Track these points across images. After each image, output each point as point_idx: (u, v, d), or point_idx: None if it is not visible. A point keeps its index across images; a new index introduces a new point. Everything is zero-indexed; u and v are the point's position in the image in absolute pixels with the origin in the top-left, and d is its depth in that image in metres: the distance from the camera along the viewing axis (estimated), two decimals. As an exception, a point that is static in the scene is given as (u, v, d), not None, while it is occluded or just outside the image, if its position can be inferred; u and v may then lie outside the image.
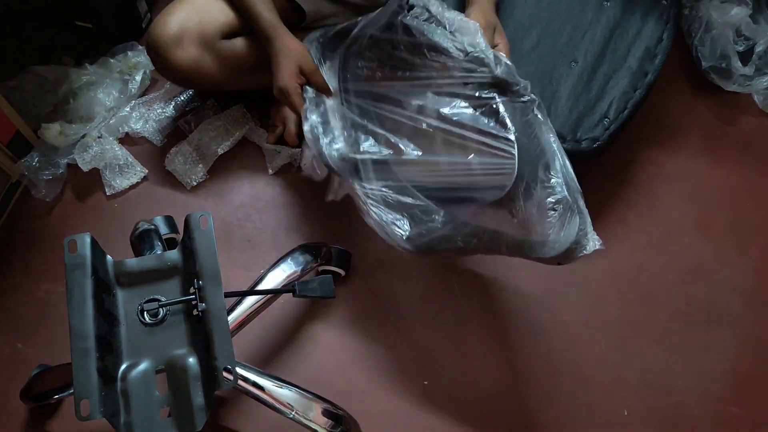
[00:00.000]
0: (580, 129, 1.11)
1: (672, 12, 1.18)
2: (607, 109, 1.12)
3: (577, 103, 1.12)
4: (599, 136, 1.11)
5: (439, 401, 1.04)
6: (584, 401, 1.05)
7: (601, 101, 1.12)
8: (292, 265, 1.00)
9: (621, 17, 1.16)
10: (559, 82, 1.12)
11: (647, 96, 1.14)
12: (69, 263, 0.73)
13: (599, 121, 1.11)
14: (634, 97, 1.13)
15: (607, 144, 1.11)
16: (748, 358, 1.09)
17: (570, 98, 1.12)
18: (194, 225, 0.78)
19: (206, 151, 1.20)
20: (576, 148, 1.10)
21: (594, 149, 1.11)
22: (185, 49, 1.05)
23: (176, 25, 1.04)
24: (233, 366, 0.70)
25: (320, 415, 0.89)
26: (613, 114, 1.11)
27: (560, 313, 1.11)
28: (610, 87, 1.13)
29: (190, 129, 1.22)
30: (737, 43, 1.25)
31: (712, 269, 1.15)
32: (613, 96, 1.12)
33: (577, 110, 1.11)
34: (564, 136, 1.10)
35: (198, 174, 1.19)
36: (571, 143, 1.10)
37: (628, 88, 1.13)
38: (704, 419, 1.04)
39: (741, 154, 1.26)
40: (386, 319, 1.10)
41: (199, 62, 1.06)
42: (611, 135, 1.11)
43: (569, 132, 1.10)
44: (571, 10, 1.16)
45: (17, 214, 1.16)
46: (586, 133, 1.11)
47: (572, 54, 1.14)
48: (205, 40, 1.05)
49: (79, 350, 0.69)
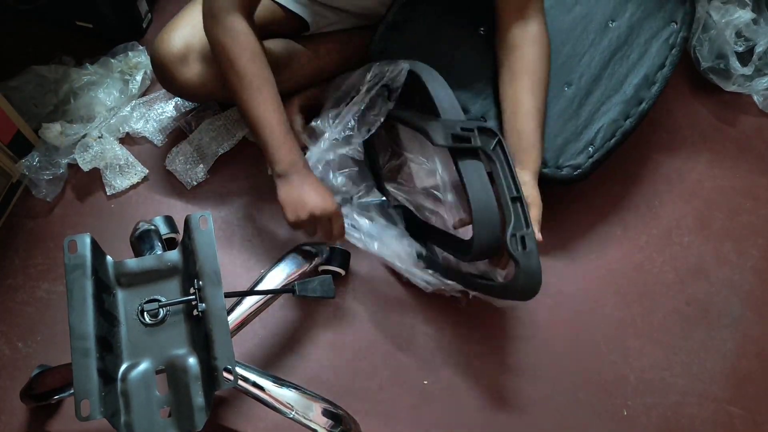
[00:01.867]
0: (562, 156, 1.09)
1: (680, 36, 1.12)
2: (593, 137, 1.10)
3: (564, 128, 1.10)
4: (581, 164, 1.09)
5: (439, 401, 1.04)
6: (584, 401, 1.05)
7: (588, 128, 1.10)
8: (292, 265, 1.00)
9: (625, 40, 1.12)
10: (549, 105, 1.09)
11: (638, 125, 1.11)
12: (69, 263, 0.74)
13: (584, 149, 1.09)
14: (624, 125, 1.10)
15: (589, 172, 1.10)
16: (747, 358, 1.09)
17: (557, 123, 1.10)
18: (194, 225, 0.78)
19: (207, 151, 1.20)
20: (556, 175, 1.09)
21: (573, 177, 1.10)
22: (191, 66, 1.04)
23: (180, 43, 1.03)
24: (233, 366, 0.70)
25: (320, 414, 0.90)
26: (599, 142, 1.09)
27: (560, 313, 1.11)
28: (600, 114, 1.10)
29: (190, 129, 1.22)
30: (737, 44, 1.25)
31: (712, 269, 1.15)
32: (602, 123, 1.10)
33: (563, 136, 1.09)
34: (545, 162, 1.08)
35: (198, 174, 1.19)
36: (552, 169, 1.09)
37: (618, 116, 1.10)
38: (703, 419, 1.04)
39: (740, 154, 1.26)
40: (386, 319, 1.10)
41: (205, 78, 1.05)
42: (594, 163, 1.10)
43: (552, 158, 1.09)
44: (573, 29, 1.12)
45: (17, 214, 1.16)
46: (568, 160, 1.09)
47: (567, 76, 1.11)
48: (210, 56, 1.05)
49: (79, 350, 0.69)
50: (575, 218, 1.19)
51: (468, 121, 0.94)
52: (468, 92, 1.09)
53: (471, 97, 1.09)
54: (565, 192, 1.20)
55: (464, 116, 0.94)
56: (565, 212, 1.19)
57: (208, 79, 1.06)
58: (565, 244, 1.16)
